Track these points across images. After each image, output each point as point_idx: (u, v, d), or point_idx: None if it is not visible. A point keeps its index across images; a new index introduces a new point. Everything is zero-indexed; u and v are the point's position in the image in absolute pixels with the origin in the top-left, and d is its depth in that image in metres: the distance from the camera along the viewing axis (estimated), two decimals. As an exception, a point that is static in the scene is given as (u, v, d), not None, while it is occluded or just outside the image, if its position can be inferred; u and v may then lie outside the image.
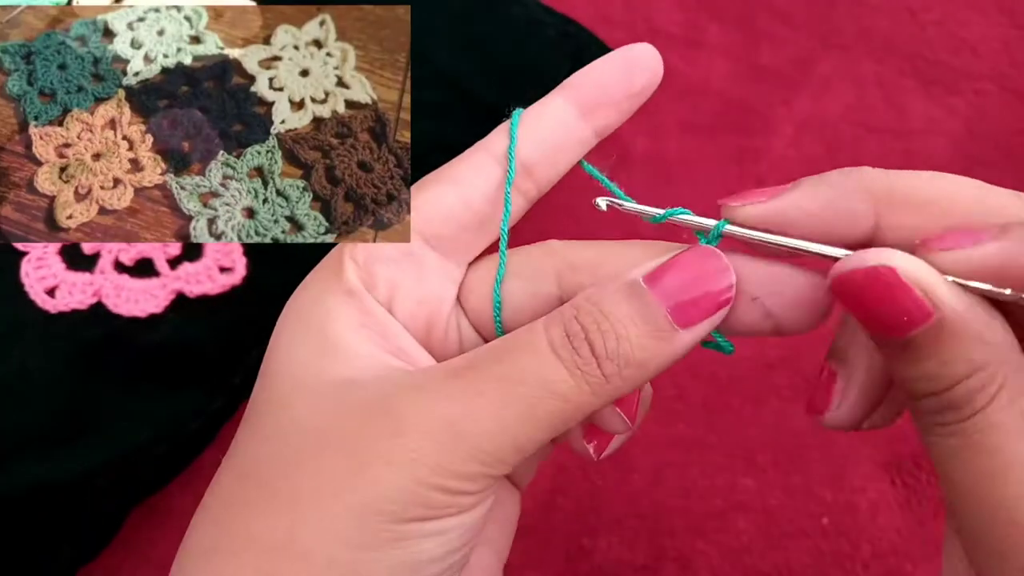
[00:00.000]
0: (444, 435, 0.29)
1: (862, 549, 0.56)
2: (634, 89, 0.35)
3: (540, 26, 0.63)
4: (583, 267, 0.34)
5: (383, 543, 0.29)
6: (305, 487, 0.29)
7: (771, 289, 0.31)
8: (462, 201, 0.34)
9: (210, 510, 0.32)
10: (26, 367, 0.53)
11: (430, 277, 0.35)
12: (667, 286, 0.30)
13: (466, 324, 0.36)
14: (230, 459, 0.32)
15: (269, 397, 0.32)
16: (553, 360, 0.29)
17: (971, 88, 0.72)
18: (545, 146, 0.35)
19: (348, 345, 0.32)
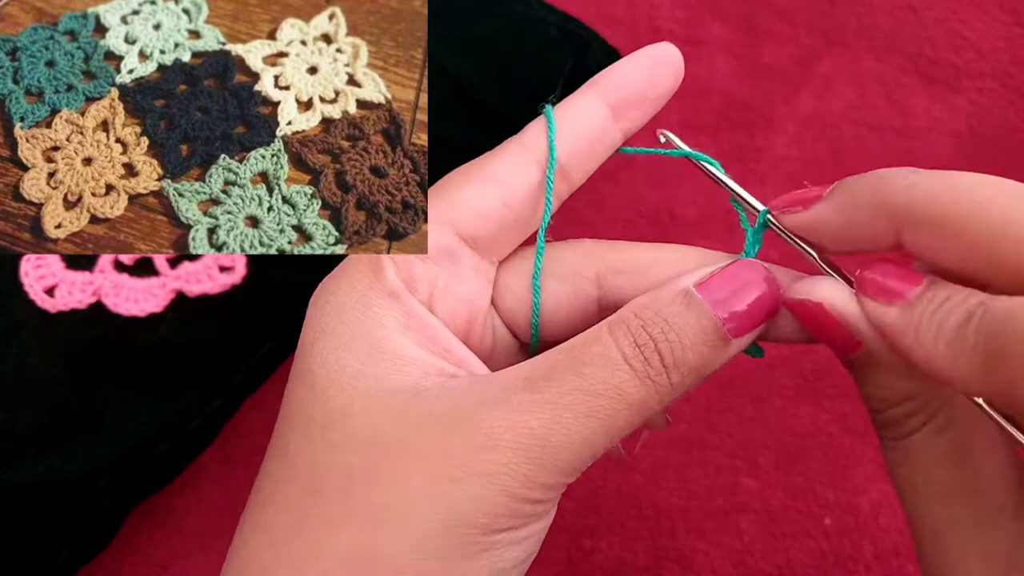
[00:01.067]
0: (534, 449, 0.29)
1: (864, 550, 0.56)
2: (661, 90, 0.36)
3: (541, 24, 0.63)
4: (625, 271, 0.35)
5: (473, 554, 0.29)
6: (394, 501, 0.29)
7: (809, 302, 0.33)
8: (502, 201, 0.34)
9: (280, 524, 0.31)
10: (26, 366, 0.53)
11: (468, 276, 0.35)
12: (719, 296, 0.31)
13: (499, 323, 0.36)
14: (287, 468, 0.32)
15: (324, 405, 0.31)
16: (628, 372, 0.30)
17: (973, 86, 0.72)
18: (581, 146, 0.35)
19: (399, 350, 0.32)
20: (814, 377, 0.60)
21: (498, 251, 0.36)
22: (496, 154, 0.35)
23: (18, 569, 0.51)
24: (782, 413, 0.60)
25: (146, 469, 0.53)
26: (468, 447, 0.29)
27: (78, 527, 0.52)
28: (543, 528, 0.32)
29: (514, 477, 0.29)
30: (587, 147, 0.35)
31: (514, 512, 0.30)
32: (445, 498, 0.29)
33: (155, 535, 0.56)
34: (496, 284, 0.36)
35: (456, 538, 0.29)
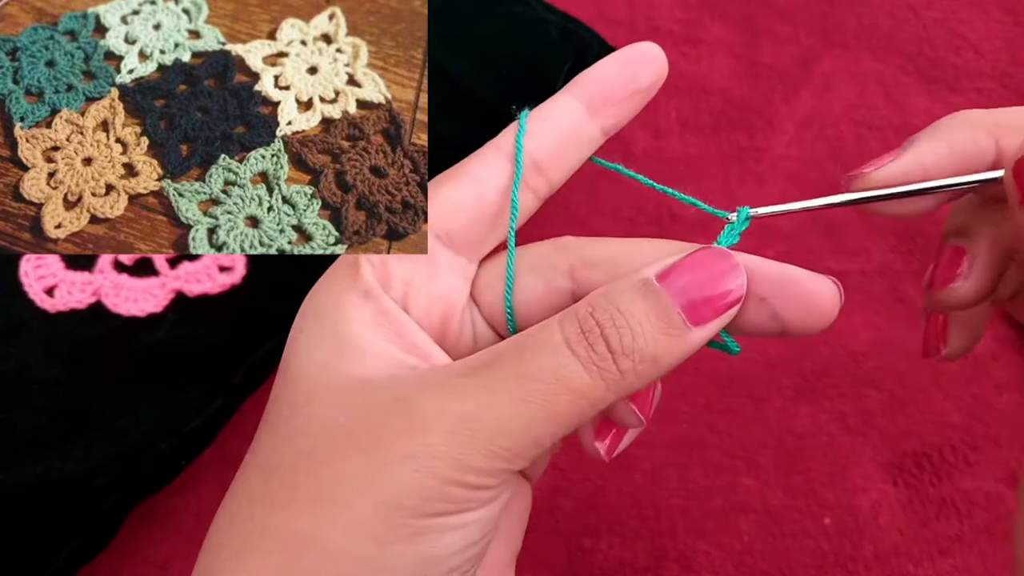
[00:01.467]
0: (464, 431, 0.29)
1: (864, 550, 0.56)
2: (640, 86, 0.35)
3: (541, 24, 0.63)
4: (597, 263, 0.35)
5: (406, 538, 0.29)
6: (329, 485, 0.30)
7: (780, 291, 0.32)
8: (474, 197, 0.35)
9: (236, 508, 0.32)
10: (25, 366, 0.53)
11: (443, 274, 0.35)
12: (680, 284, 0.31)
13: (480, 320, 0.37)
14: (253, 456, 0.33)
15: (290, 397, 0.32)
16: (569, 356, 0.30)
17: (972, 86, 0.72)
18: (555, 143, 0.35)
19: (364, 344, 0.32)
20: (814, 377, 0.60)
21: (476, 249, 0.36)
22: (472, 156, 0.36)
23: (18, 569, 0.50)
24: (782, 413, 0.59)
25: (146, 469, 0.53)
26: (400, 430, 0.30)
27: (78, 527, 0.51)
28: (486, 517, 0.31)
29: (443, 459, 0.29)
30: (562, 144, 0.36)
31: (447, 496, 0.29)
32: (376, 481, 0.29)
33: (155, 535, 0.56)
34: (476, 281, 0.36)
35: (388, 521, 0.29)
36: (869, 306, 0.63)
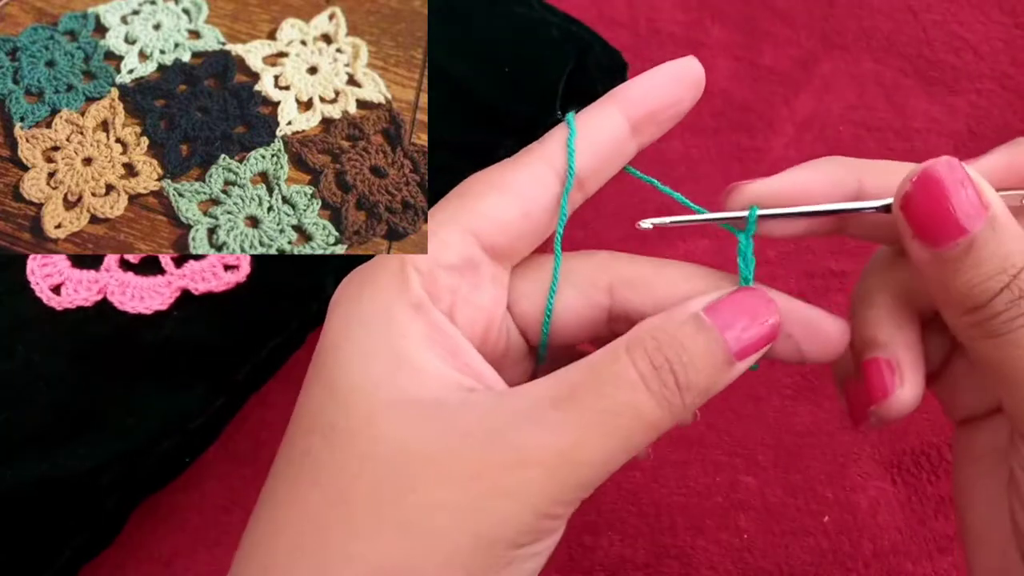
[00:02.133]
0: (560, 468, 0.30)
1: (863, 547, 0.55)
2: (682, 107, 0.36)
3: (543, 25, 0.63)
4: (636, 285, 0.36)
5: (496, 568, 0.30)
6: (423, 515, 0.30)
7: (804, 330, 0.35)
8: (522, 215, 0.34)
9: (300, 532, 0.31)
10: (31, 364, 0.53)
11: (486, 285, 0.35)
12: (726, 320, 0.32)
13: (513, 327, 0.37)
14: (308, 473, 0.32)
15: (346, 412, 0.31)
16: (646, 392, 0.31)
17: (972, 88, 0.71)
18: (599, 160, 0.35)
19: (421, 363, 0.32)
20: (813, 376, 0.60)
21: (513, 258, 0.36)
22: (516, 164, 0.35)
23: (22, 566, 0.50)
24: (781, 411, 0.59)
25: (150, 466, 0.53)
26: (498, 464, 0.30)
27: (82, 524, 0.51)
28: (555, 542, 0.32)
29: (541, 494, 0.29)
30: (605, 160, 0.36)
31: (536, 528, 0.30)
32: (475, 514, 0.29)
33: (159, 532, 0.56)
34: (511, 289, 0.37)
35: (483, 553, 0.29)
36: (868, 305, 0.62)
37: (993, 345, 0.32)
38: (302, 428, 0.33)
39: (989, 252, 0.31)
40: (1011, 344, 0.31)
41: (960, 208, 0.31)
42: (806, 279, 0.63)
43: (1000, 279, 0.31)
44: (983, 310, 0.31)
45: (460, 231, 0.34)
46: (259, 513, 0.33)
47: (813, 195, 0.36)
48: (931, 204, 0.31)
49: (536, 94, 0.61)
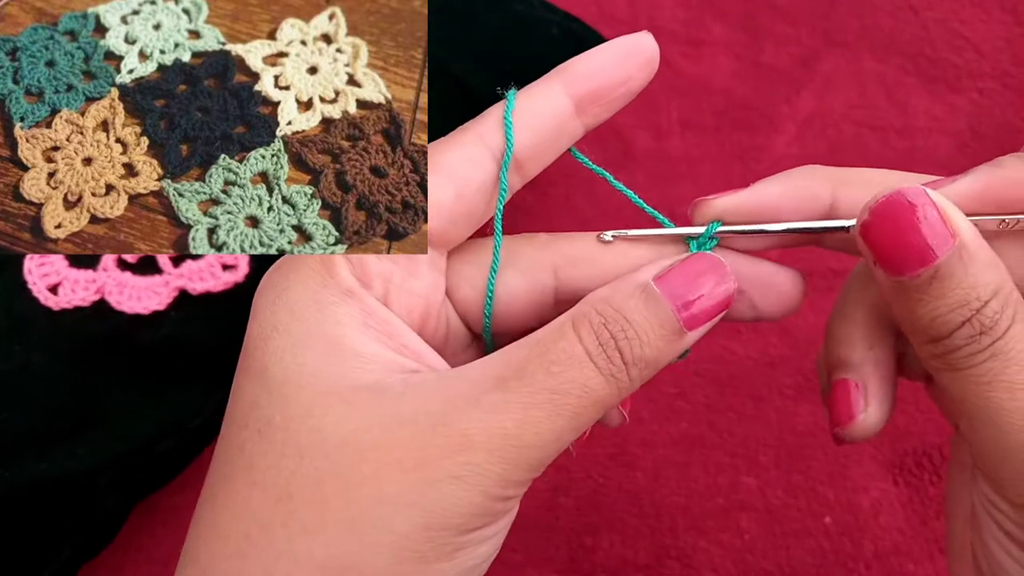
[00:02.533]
0: (507, 449, 0.29)
1: (864, 548, 0.55)
2: (632, 85, 0.34)
3: (543, 23, 0.62)
4: (581, 261, 0.35)
5: (448, 554, 0.29)
6: (370, 507, 0.29)
7: (757, 284, 0.34)
8: (455, 197, 0.33)
9: (244, 534, 0.30)
10: (29, 364, 0.52)
11: (423, 270, 0.34)
12: (676, 289, 0.31)
13: (452, 313, 0.36)
14: (245, 471, 0.30)
15: (284, 405, 0.30)
16: (593, 369, 0.30)
17: (974, 86, 0.71)
18: (539, 141, 0.34)
19: (358, 347, 0.31)
20: (814, 376, 0.60)
21: (448, 243, 0.35)
22: (449, 143, 0.34)
23: (20, 566, 0.50)
24: (783, 412, 0.59)
25: (148, 467, 0.52)
26: (443, 450, 0.29)
27: (80, 524, 0.51)
28: (508, 523, 0.32)
29: (489, 477, 0.29)
30: (546, 141, 0.34)
31: (486, 511, 0.30)
32: (421, 501, 0.29)
33: (157, 533, 0.56)
34: (449, 275, 0.36)
35: (433, 540, 0.29)
36: (870, 305, 0.62)
37: (951, 378, 0.31)
38: (236, 423, 0.32)
39: (954, 283, 0.30)
40: (970, 379, 0.30)
41: (923, 238, 0.30)
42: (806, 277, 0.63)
43: (962, 312, 0.30)
44: (944, 342, 0.30)
45: None
46: (199, 514, 0.32)
47: (780, 212, 0.34)
48: (891, 234, 0.30)
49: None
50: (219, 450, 0.32)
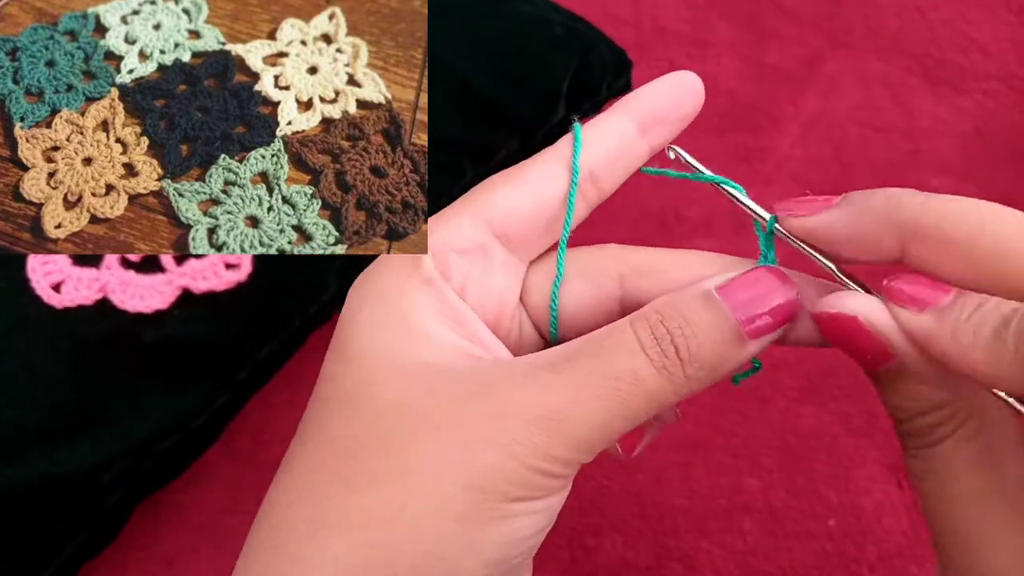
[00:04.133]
0: (547, 422, 0.30)
1: (868, 551, 0.55)
2: (683, 113, 0.37)
3: (547, 24, 0.62)
4: (646, 272, 0.36)
5: (489, 520, 0.30)
6: (415, 465, 0.30)
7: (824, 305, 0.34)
8: (534, 201, 0.35)
9: (305, 486, 0.32)
10: (32, 362, 0.52)
11: (499, 271, 0.36)
12: (739, 299, 0.32)
13: (527, 320, 0.37)
14: (318, 433, 0.33)
15: (355, 376, 0.33)
16: (645, 360, 0.31)
17: (979, 88, 0.70)
18: (609, 156, 0.36)
19: (430, 330, 0.33)
20: (818, 378, 0.59)
21: (529, 251, 0.37)
22: (531, 161, 0.37)
23: (23, 564, 0.50)
24: (786, 413, 0.58)
25: (151, 465, 0.52)
26: (486, 417, 0.30)
27: (82, 523, 0.51)
28: (557, 503, 0.32)
29: (529, 448, 0.30)
30: (614, 157, 0.37)
31: (528, 483, 0.30)
32: (465, 464, 0.30)
33: (160, 531, 0.55)
34: (525, 282, 0.37)
35: (474, 502, 0.30)
36: (874, 306, 0.62)
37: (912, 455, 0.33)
38: (318, 398, 0.34)
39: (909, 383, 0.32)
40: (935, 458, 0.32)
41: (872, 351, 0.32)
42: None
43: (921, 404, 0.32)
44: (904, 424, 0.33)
45: (471, 217, 0.35)
46: (278, 476, 0.34)
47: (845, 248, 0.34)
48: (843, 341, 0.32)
49: (540, 93, 0.60)
50: (303, 418, 0.34)
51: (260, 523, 0.33)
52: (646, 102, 0.37)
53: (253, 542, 0.32)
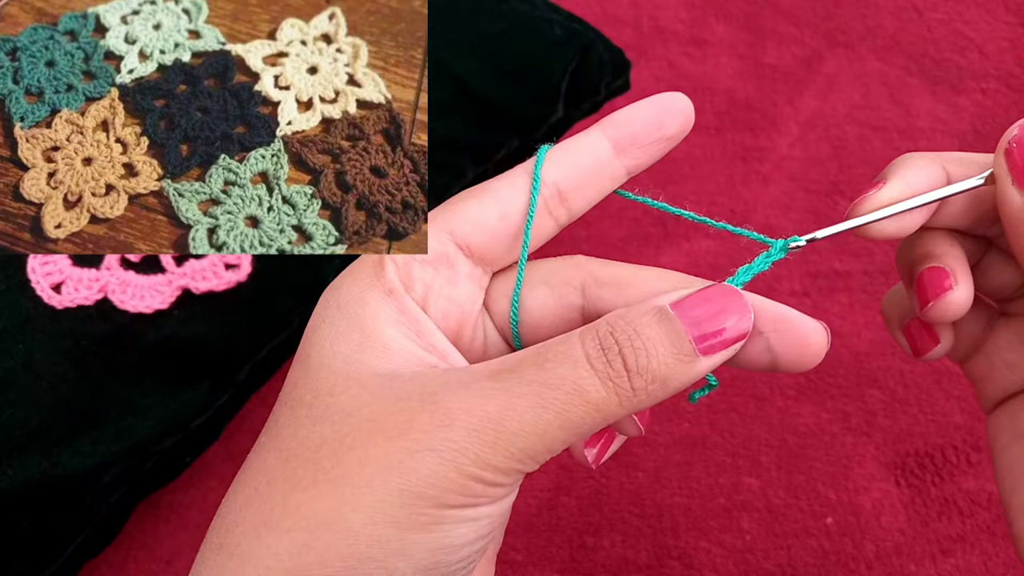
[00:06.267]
0: (486, 431, 0.30)
1: (866, 549, 0.54)
2: (666, 134, 0.36)
3: (546, 24, 0.61)
4: (609, 283, 0.36)
5: (424, 526, 0.30)
6: (354, 469, 0.31)
7: (777, 328, 0.34)
8: (498, 215, 0.35)
9: (253, 488, 0.32)
10: (32, 363, 0.51)
11: (462, 281, 0.36)
12: (693, 315, 0.32)
13: (491, 328, 0.37)
14: (271, 439, 0.33)
15: (313, 386, 0.33)
16: (588, 369, 0.31)
17: (977, 87, 0.70)
18: (580, 175, 0.36)
19: (387, 340, 0.33)
20: (816, 377, 0.59)
21: (494, 262, 0.37)
22: (499, 177, 0.37)
23: (24, 563, 0.50)
24: (784, 412, 0.58)
25: (151, 465, 0.52)
26: (426, 424, 0.30)
27: (84, 522, 0.50)
28: (497, 513, 0.32)
29: (466, 455, 0.30)
30: (586, 176, 0.36)
31: (464, 490, 0.30)
32: (400, 469, 0.30)
33: (160, 530, 0.55)
34: (490, 290, 0.37)
35: (408, 507, 0.30)
36: (872, 306, 0.62)
37: None
38: (279, 402, 0.34)
39: None
40: None
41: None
42: (810, 279, 0.62)
43: None
44: None
45: (435, 228, 0.35)
46: (235, 480, 0.34)
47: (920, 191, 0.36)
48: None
49: (539, 93, 0.60)
50: (264, 428, 0.35)
51: (215, 523, 0.33)
52: (624, 123, 0.36)
53: (208, 541, 0.33)
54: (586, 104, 0.61)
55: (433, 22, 0.52)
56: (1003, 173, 0.34)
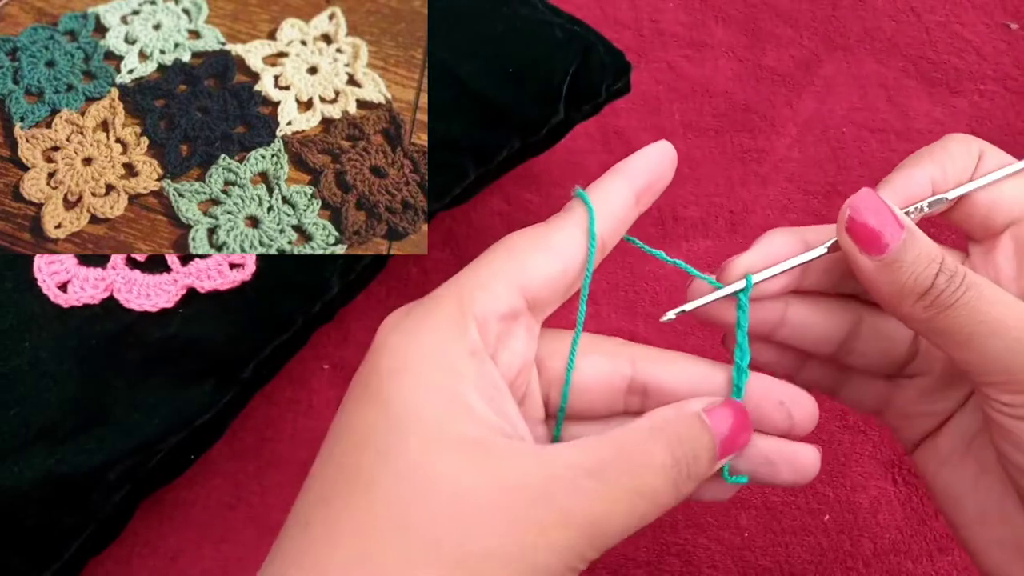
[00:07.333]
0: (594, 534, 0.32)
1: (863, 547, 0.54)
2: (666, 183, 0.39)
3: (547, 26, 0.61)
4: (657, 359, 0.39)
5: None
6: (475, 558, 0.32)
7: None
8: (562, 272, 0.37)
9: (359, 552, 0.32)
10: (38, 361, 0.51)
11: (520, 332, 0.37)
12: (721, 427, 0.36)
13: (534, 384, 0.39)
14: (368, 495, 0.33)
15: (404, 441, 0.33)
16: (666, 482, 0.34)
17: (975, 89, 0.69)
18: (618, 225, 0.38)
19: (472, 405, 0.34)
20: (814, 375, 0.58)
21: (547, 311, 0.38)
22: (552, 226, 0.38)
23: (30, 560, 0.49)
24: (783, 410, 0.57)
25: (156, 462, 0.51)
26: (546, 523, 0.32)
27: (89, 519, 0.50)
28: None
29: (573, 551, 0.32)
30: (622, 226, 0.39)
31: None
32: (521, 563, 0.32)
33: (164, 528, 0.55)
34: (541, 345, 0.39)
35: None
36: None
37: (948, 316, 0.35)
38: (352, 442, 0.34)
39: (918, 247, 0.35)
40: (961, 308, 0.35)
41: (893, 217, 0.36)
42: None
43: (932, 267, 0.35)
44: (931, 291, 0.35)
45: (508, 284, 0.36)
46: (310, 515, 0.34)
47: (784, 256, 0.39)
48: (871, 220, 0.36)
49: (540, 94, 0.59)
50: (328, 460, 0.35)
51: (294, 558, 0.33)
52: (642, 171, 0.39)
53: None
54: (587, 106, 0.61)
55: (434, 25, 0.52)
56: (850, 246, 0.36)
